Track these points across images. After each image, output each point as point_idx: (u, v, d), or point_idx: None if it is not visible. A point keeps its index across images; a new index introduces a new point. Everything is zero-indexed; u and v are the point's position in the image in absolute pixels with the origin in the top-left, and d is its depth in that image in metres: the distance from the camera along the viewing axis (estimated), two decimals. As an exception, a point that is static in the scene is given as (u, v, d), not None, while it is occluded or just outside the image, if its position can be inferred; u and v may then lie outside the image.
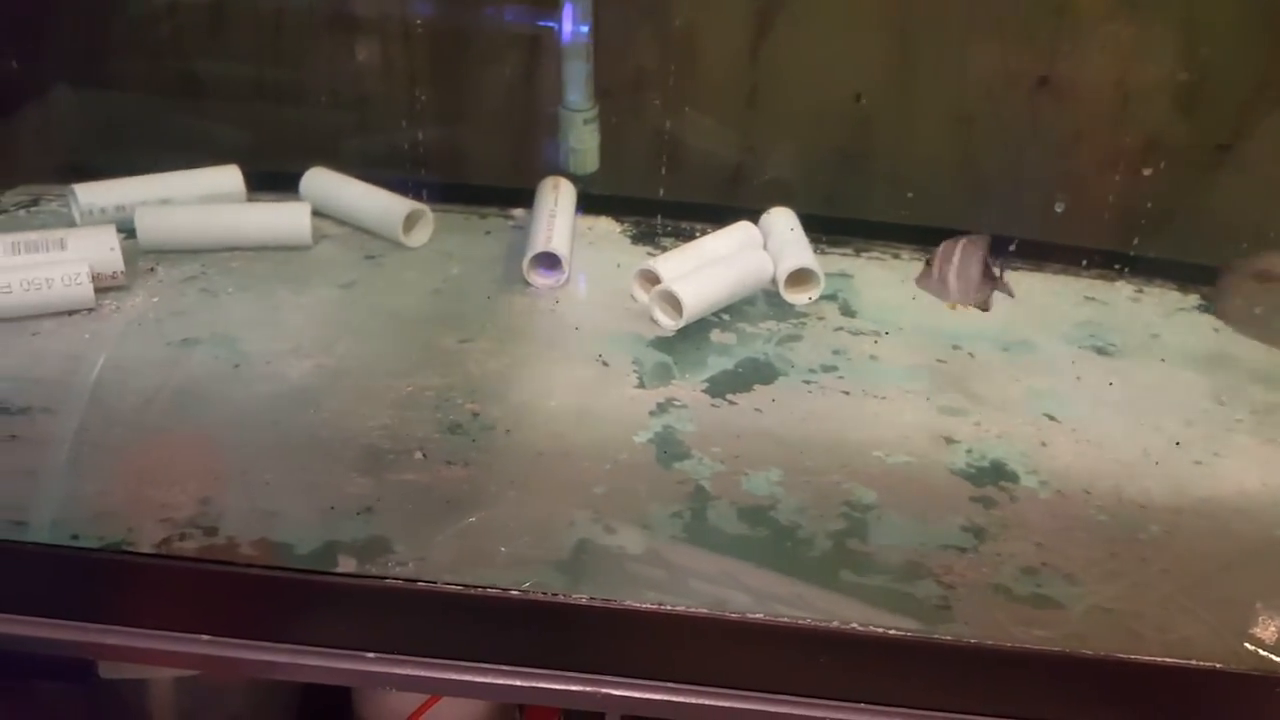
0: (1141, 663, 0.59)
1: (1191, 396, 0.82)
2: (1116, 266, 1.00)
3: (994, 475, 0.72)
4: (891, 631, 0.59)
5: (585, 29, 1.02)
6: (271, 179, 1.01)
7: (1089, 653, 0.59)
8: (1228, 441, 0.77)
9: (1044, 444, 0.76)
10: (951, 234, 0.94)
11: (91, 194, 0.95)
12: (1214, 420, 0.80)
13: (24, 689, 0.92)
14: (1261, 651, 0.60)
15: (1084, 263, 1.01)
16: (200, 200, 0.96)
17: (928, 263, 0.78)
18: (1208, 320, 0.93)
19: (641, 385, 0.79)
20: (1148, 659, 0.59)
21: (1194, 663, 0.59)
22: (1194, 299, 0.96)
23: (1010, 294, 0.75)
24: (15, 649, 0.65)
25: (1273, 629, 0.62)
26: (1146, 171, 1.03)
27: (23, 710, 0.93)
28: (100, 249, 0.85)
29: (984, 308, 0.75)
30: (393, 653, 0.62)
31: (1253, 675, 0.59)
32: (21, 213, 0.99)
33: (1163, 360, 0.86)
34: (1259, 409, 0.81)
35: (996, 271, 0.75)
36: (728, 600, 0.61)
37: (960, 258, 0.75)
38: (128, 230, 0.91)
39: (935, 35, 1.04)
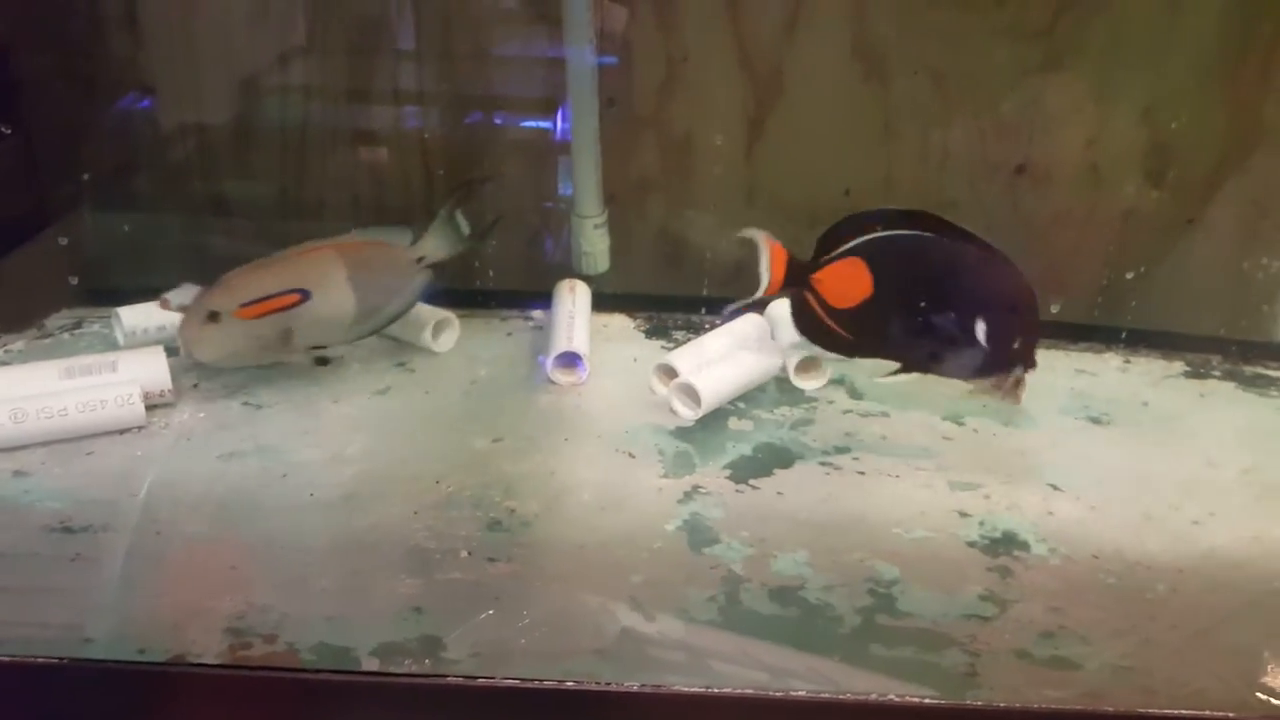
0: (1160, 716, 0.63)
1: (1184, 460, 0.87)
2: (1102, 339, 1.06)
3: (1007, 545, 0.77)
4: (925, 700, 0.62)
5: (594, 139, 1.10)
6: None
7: (1110, 709, 0.62)
8: (1221, 501, 0.82)
9: (1050, 513, 0.80)
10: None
11: (135, 316, 1.00)
12: (1206, 481, 0.85)
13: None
14: (1271, 700, 0.64)
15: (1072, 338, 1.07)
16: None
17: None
18: (1194, 386, 0.99)
19: (667, 474, 0.84)
20: (1166, 712, 0.63)
21: (1206, 713, 0.62)
22: (1179, 366, 1.02)
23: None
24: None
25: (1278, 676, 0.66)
26: (1122, 248, 1.10)
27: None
28: (149, 369, 0.90)
29: None
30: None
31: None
32: (66, 336, 1.05)
33: (1154, 427, 0.92)
34: (1247, 469, 0.86)
35: None
36: (768, 681, 0.65)
37: None
38: (169, 349, 0.96)
39: (916, 131, 1.12)
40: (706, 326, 1.04)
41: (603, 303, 1.10)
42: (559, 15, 1.05)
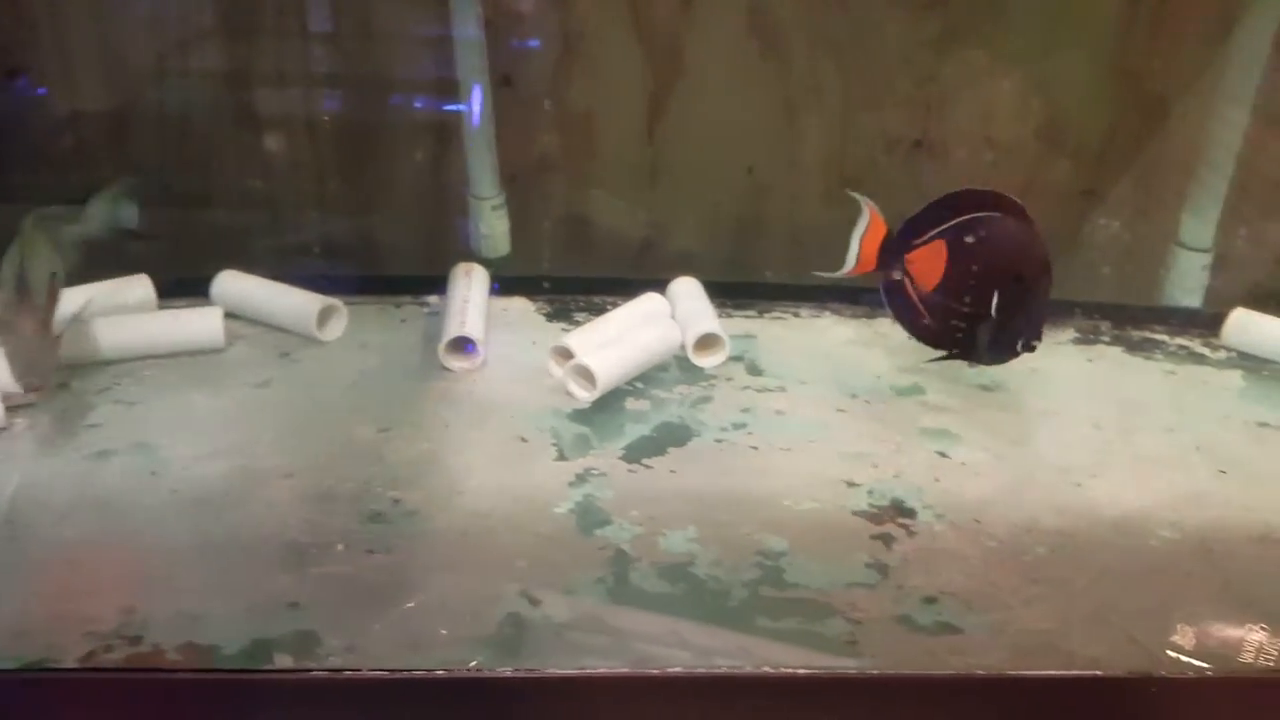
0: (1034, 678, 0.63)
1: (1069, 424, 0.88)
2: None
3: (893, 513, 0.77)
4: (800, 671, 0.62)
5: (487, 118, 1.07)
6: (186, 285, 1.02)
7: (981, 672, 0.63)
8: (1103, 463, 0.83)
9: (937, 479, 0.81)
10: (850, 291, 1.00)
11: (-1, 313, 0.95)
12: (1090, 444, 0.86)
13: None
14: (1173, 654, 0.65)
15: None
16: (111, 312, 0.97)
17: None
18: (1083, 351, 1.01)
19: (561, 458, 0.82)
20: (1039, 674, 0.64)
21: (1075, 673, 0.63)
22: (1070, 333, 1.03)
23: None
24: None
25: (1152, 631, 0.67)
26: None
27: None
28: (7, 369, 0.85)
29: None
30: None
31: (1138, 677, 0.64)
32: (-77, 337, 0.98)
33: (1041, 393, 0.93)
34: (1129, 430, 0.88)
35: None
36: (653, 657, 0.64)
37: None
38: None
39: (816, 108, 1.12)
40: (609, 307, 1.02)
41: (504, 286, 1.07)
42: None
